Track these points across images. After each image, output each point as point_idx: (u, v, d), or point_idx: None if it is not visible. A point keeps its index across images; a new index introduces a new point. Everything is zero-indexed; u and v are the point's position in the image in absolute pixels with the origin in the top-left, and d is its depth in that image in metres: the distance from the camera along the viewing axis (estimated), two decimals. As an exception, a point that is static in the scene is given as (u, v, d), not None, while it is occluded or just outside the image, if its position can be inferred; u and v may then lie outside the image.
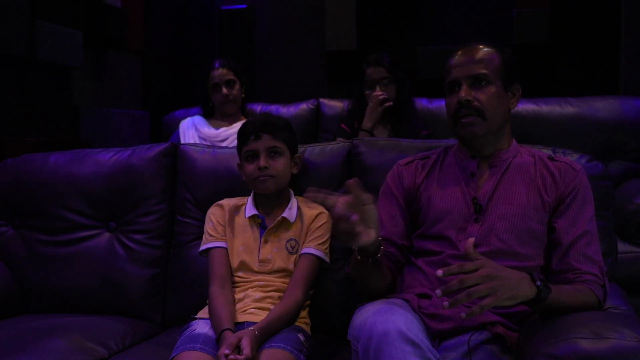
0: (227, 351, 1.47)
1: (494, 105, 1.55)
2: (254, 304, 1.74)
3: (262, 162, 1.79)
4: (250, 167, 1.82)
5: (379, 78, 2.99)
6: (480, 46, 1.59)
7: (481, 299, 1.24)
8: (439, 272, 1.25)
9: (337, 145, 2.02)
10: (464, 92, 1.54)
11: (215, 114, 3.16)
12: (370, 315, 1.34)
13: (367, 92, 3.02)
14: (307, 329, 1.75)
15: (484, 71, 1.55)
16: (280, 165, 1.82)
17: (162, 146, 2.12)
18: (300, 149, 1.98)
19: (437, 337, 1.45)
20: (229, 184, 2.00)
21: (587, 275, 1.47)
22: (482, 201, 1.56)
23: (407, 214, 1.66)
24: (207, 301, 1.77)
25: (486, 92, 1.54)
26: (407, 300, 1.47)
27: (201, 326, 1.69)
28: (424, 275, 1.56)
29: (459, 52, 1.59)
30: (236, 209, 1.88)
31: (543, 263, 1.54)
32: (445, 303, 1.24)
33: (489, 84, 1.55)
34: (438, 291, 1.24)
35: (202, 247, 1.85)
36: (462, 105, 1.54)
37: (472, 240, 1.31)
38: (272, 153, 1.81)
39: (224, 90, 3.04)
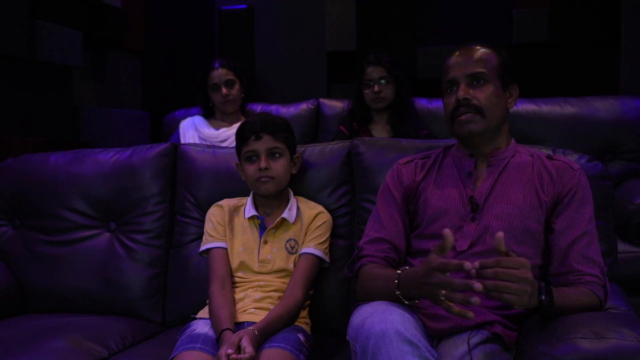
0: (230, 350, 1.46)
1: (492, 103, 1.55)
2: (253, 304, 1.74)
3: (263, 163, 1.79)
4: (250, 168, 1.82)
5: (378, 77, 3.01)
6: (478, 47, 1.59)
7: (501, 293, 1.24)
8: (476, 264, 1.24)
9: (337, 146, 2.02)
10: (462, 91, 1.55)
11: (215, 114, 3.16)
12: (368, 315, 1.34)
13: (366, 91, 3.04)
14: (307, 329, 1.76)
15: (482, 70, 1.55)
16: (281, 166, 1.81)
17: (162, 146, 2.12)
18: (300, 149, 1.98)
19: (435, 337, 1.45)
20: (229, 184, 2.00)
21: (588, 276, 1.47)
22: (479, 200, 1.56)
23: (405, 215, 1.66)
24: (207, 301, 1.77)
25: (484, 91, 1.55)
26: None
27: (201, 326, 1.69)
28: None
29: (457, 53, 1.60)
30: (235, 210, 1.88)
31: (540, 262, 1.54)
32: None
33: (487, 83, 1.55)
34: (478, 285, 1.22)
35: (202, 248, 1.85)
36: (461, 103, 1.55)
37: (447, 230, 1.30)
38: (273, 154, 1.81)
39: (224, 90, 3.04)
